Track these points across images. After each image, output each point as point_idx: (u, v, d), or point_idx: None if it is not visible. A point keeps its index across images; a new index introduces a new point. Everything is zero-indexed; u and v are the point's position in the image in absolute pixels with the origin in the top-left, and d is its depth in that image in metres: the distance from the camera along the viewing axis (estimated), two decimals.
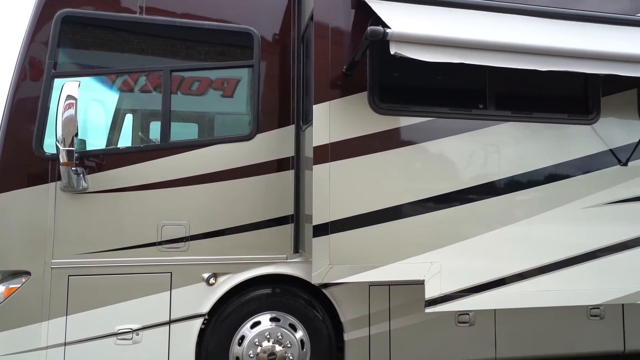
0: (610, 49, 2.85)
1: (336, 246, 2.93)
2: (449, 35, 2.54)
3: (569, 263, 3.24)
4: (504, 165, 3.22)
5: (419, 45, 2.48)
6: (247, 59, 3.79)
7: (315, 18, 2.98)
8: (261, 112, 3.75)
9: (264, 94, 3.77)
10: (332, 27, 3.00)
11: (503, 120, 3.24)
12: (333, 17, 3.00)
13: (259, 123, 3.74)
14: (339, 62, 3.01)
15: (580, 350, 4.24)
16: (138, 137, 4.04)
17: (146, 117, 4.03)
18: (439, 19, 2.79)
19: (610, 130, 3.42)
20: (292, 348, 3.71)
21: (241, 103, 4.13)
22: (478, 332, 3.98)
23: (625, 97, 3.49)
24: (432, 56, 2.49)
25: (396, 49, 2.49)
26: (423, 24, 2.66)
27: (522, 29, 2.85)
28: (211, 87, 4.08)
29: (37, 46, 3.48)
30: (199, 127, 4.24)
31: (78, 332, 3.40)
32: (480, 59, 2.54)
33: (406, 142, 3.09)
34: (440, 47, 2.49)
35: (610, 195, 3.35)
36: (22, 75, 3.46)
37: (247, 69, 3.80)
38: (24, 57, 3.47)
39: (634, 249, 3.35)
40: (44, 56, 3.47)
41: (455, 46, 2.51)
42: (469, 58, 2.52)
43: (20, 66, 3.47)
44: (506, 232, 3.18)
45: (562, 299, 3.24)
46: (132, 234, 3.51)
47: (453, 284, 3.04)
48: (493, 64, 2.58)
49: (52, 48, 3.47)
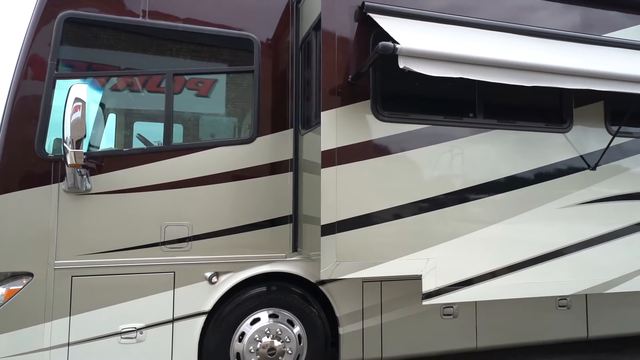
0: (585, 67, 3.21)
1: (342, 244, 3.13)
2: (452, 52, 2.80)
3: (547, 258, 3.59)
4: (490, 169, 3.53)
5: (425, 60, 2.73)
6: (248, 64, 3.93)
7: (323, 30, 3.16)
8: (261, 116, 3.89)
9: (264, 99, 3.91)
10: (339, 39, 3.20)
11: (490, 128, 3.56)
12: (340, 30, 3.20)
13: (259, 127, 3.88)
14: (344, 71, 3.22)
15: (549, 338, 4.64)
16: (135, 138, 4.08)
17: (147, 118, 4.08)
18: (439, 35, 3.06)
19: (581, 138, 3.80)
20: (291, 343, 3.87)
21: (219, 103, 4.24)
22: (461, 324, 4.29)
23: (593, 108, 3.90)
24: (437, 71, 2.74)
25: (404, 64, 2.72)
26: (427, 40, 2.91)
27: (513, 46, 3.16)
28: (186, 87, 4.18)
29: (39, 47, 3.47)
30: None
31: (82, 332, 3.42)
32: (479, 75, 2.82)
33: (405, 148, 3.33)
34: (444, 63, 2.75)
35: (581, 196, 3.73)
36: (23, 76, 3.44)
37: (249, 74, 3.93)
38: (25, 57, 3.46)
39: (601, 245, 3.74)
40: (46, 57, 3.46)
41: (457, 62, 2.77)
42: (468, 73, 2.79)
43: (21, 67, 3.45)
44: (492, 230, 3.49)
45: (541, 291, 3.59)
46: (135, 235, 3.57)
47: (447, 279, 3.31)
48: (490, 80, 2.87)
49: (54, 49, 3.47)
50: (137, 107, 4.18)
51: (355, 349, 4.02)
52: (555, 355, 5.14)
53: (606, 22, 3.93)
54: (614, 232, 3.80)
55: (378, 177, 3.24)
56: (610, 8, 3.96)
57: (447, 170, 3.43)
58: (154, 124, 4.23)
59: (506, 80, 2.93)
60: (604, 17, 3.95)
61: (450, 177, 3.44)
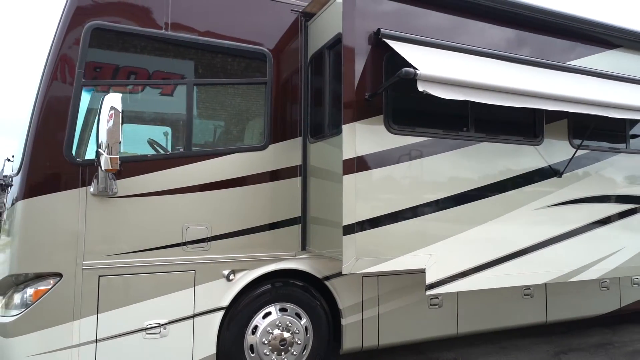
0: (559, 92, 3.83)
1: (360, 243, 3.53)
2: (462, 78, 3.30)
3: (523, 253, 4.20)
4: (479, 176, 4.08)
5: (440, 85, 3.20)
6: (262, 77, 4.23)
7: (345, 53, 3.55)
8: (273, 124, 4.20)
9: (276, 109, 4.22)
10: (357, 60, 3.60)
11: (480, 141, 4.12)
12: (358, 53, 3.61)
13: (272, 134, 4.20)
14: (362, 89, 3.63)
15: (516, 323, 5.32)
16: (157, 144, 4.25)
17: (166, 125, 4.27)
18: (446, 61, 3.54)
19: (550, 150, 4.46)
20: (299, 334, 4.22)
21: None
22: (445, 313, 4.84)
23: (559, 125, 4.57)
24: (449, 95, 3.22)
25: (423, 87, 3.17)
26: (439, 66, 3.39)
27: (507, 72, 3.72)
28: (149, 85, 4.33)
29: (66, 55, 3.58)
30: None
31: (109, 329, 3.58)
32: (482, 98, 3.34)
33: (411, 157, 3.79)
34: (455, 87, 3.23)
35: (551, 199, 4.39)
36: (51, 83, 3.53)
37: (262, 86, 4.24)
38: (53, 65, 3.55)
39: (565, 241, 4.41)
40: (74, 65, 3.58)
41: (465, 87, 3.26)
42: (474, 97, 3.30)
43: (49, 75, 3.54)
44: (481, 229, 4.04)
45: (519, 280, 4.19)
46: (158, 236, 3.76)
47: (446, 271, 3.81)
48: (490, 102, 3.39)
49: (81, 58, 3.59)
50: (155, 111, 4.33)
51: (355, 338, 4.43)
52: (518, 339, 5.86)
53: (570, 51, 4.65)
54: (576, 229, 4.49)
55: (388, 183, 3.68)
56: (575, 40, 4.69)
57: (444, 177, 3.94)
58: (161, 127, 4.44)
59: (502, 102, 3.48)
60: (569, 47, 4.66)
61: (447, 183, 3.94)
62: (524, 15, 4.37)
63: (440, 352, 5.29)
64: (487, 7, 4.17)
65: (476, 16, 4.18)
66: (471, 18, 4.15)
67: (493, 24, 4.25)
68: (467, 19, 4.12)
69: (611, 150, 4.92)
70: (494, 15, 4.25)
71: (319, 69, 4.15)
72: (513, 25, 4.38)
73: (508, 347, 5.54)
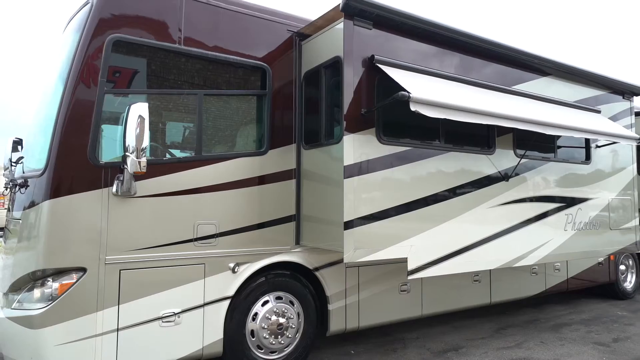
0: (512, 113, 4.72)
1: (358, 235, 4.15)
2: (448, 101, 4.04)
3: (481, 243, 5.05)
4: (448, 180, 4.87)
5: (428, 106, 3.90)
6: (262, 89, 4.71)
7: (345, 75, 4.14)
8: (272, 132, 4.70)
9: (274, 118, 4.72)
10: (355, 81, 4.22)
11: (448, 150, 4.91)
12: (355, 75, 4.22)
13: (272, 141, 4.69)
14: (359, 106, 4.25)
15: (467, 305, 6.22)
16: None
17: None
18: (431, 85, 4.27)
19: (500, 159, 5.38)
20: (293, 319, 4.75)
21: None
22: (412, 297, 5.61)
23: (506, 138, 5.51)
24: (436, 114, 3.94)
25: (415, 108, 3.86)
26: (426, 90, 4.09)
27: (477, 96, 4.53)
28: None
29: (89, 65, 3.82)
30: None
31: (129, 318, 3.88)
32: (459, 117, 4.10)
33: (395, 164, 4.48)
34: (441, 108, 3.96)
35: (500, 199, 5.30)
36: (75, 92, 3.76)
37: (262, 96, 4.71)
38: (77, 74, 3.78)
39: (512, 233, 5.35)
40: (96, 74, 3.84)
41: (449, 108, 4.02)
42: (456, 117, 4.06)
43: (73, 83, 3.77)
44: (449, 224, 4.82)
45: (478, 266, 5.04)
46: (173, 233, 4.12)
47: (423, 259, 4.54)
48: (467, 120, 4.16)
49: (104, 67, 3.87)
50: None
51: (340, 321, 5.05)
52: (467, 319, 6.82)
53: (517, 76, 5.63)
54: (518, 224, 5.45)
55: (378, 185, 4.33)
56: (520, 68, 5.69)
57: (422, 181, 4.67)
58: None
59: (471, 120, 4.25)
60: (516, 74, 5.65)
61: (424, 185, 4.68)
62: (483, 46, 5.25)
63: (404, 333, 6.07)
64: (457, 39, 4.99)
65: (449, 46, 4.99)
66: (446, 48, 4.95)
67: (462, 53, 5.09)
68: (442, 48, 4.92)
69: (544, 159, 5.97)
70: (463, 46, 5.09)
71: (314, 84, 4.70)
72: (475, 55, 5.25)
73: (459, 327, 6.46)
